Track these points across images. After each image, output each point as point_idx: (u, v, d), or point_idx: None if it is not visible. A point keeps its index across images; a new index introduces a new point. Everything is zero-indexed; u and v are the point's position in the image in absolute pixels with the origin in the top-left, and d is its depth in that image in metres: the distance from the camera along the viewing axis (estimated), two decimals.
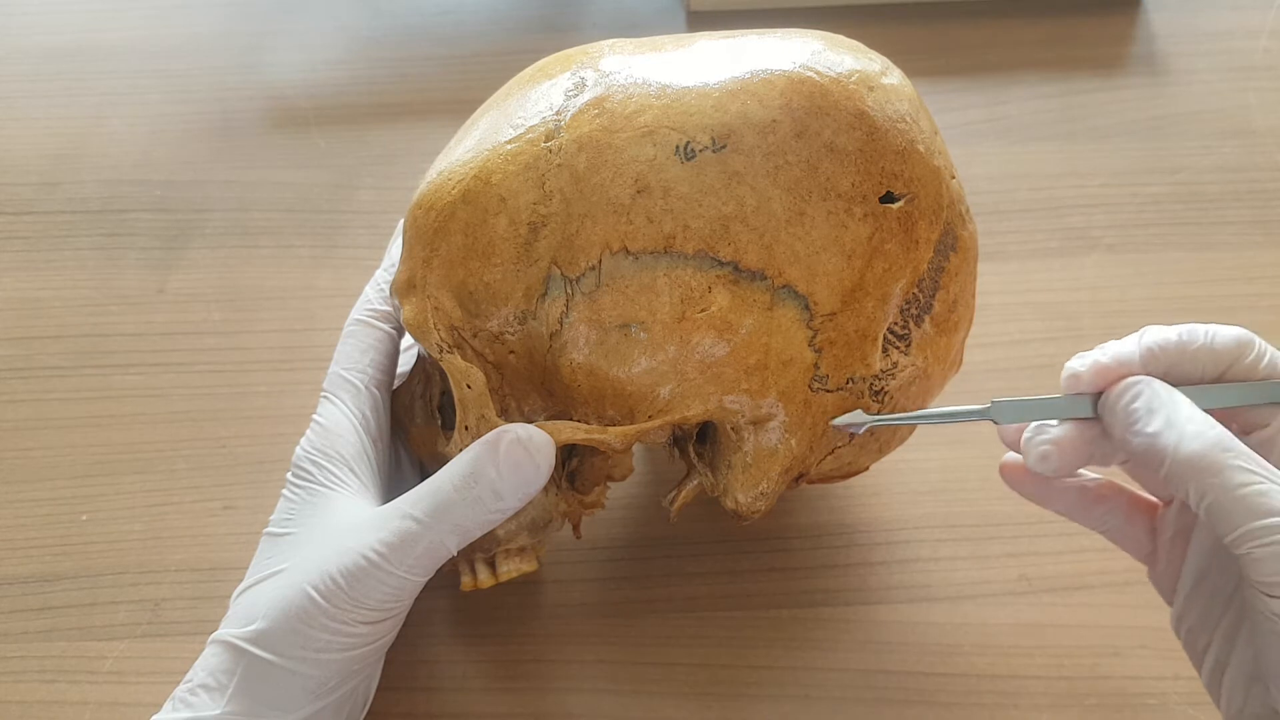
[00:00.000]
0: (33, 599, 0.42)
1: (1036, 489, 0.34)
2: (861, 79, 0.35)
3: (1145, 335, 0.31)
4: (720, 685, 0.40)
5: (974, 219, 0.38)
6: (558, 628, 0.41)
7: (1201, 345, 0.31)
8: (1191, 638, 0.33)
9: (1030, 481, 0.34)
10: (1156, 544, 0.35)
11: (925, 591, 0.42)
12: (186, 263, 0.51)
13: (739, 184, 0.33)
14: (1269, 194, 0.54)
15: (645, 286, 0.33)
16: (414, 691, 0.40)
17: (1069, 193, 0.54)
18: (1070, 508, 0.35)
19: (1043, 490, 0.34)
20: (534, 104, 0.35)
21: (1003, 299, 0.50)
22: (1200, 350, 0.31)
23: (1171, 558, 0.34)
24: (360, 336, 0.38)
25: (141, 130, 0.57)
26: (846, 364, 0.35)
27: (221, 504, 0.44)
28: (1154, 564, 0.35)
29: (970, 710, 0.39)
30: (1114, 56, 0.60)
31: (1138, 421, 0.30)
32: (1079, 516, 0.35)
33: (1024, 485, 0.34)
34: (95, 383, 0.47)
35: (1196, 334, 0.31)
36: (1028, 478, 0.34)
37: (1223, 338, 0.31)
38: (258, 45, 0.61)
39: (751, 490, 0.35)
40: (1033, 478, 0.34)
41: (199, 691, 0.32)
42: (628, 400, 0.34)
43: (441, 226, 0.34)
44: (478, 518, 0.33)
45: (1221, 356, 0.31)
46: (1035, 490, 0.34)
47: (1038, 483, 0.34)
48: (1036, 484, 0.34)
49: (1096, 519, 0.35)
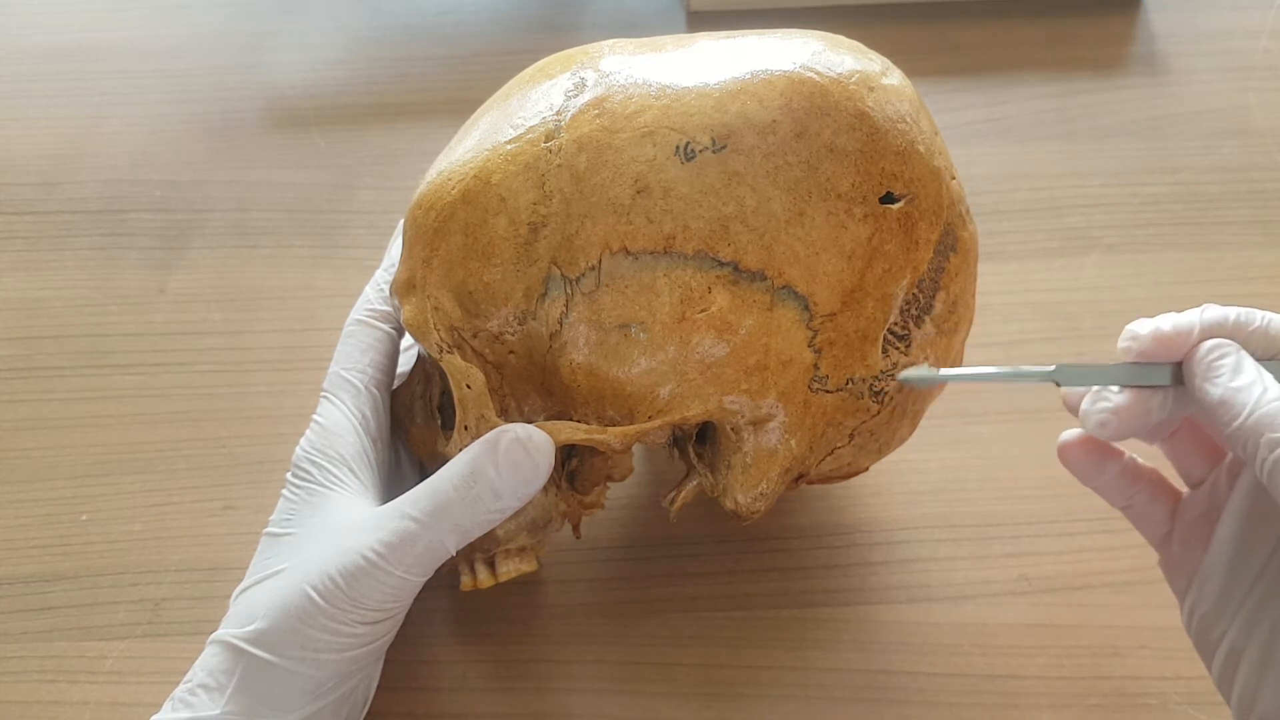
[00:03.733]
0: (33, 599, 0.42)
1: (1088, 467, 0.35)
2: (862, 79, 0.35)
3: (1206, 311, 0.32)
4: (720, 685, 0.40)
5: (974, 219, 0.38)
6: (558, 628, 0.41)
7: (1257, 328, 0.32)
8: (1205, 625, 0.33)
9: (1084, 460, 0.35)
10: (1175, 526, 0.35)
11: (925, 591, 0.42)
12: (186, 263, 0.51)
13: (739, 184, 0.33)
14: (1269, 194, 0.54)
15: (645, 287, 0.33)
16: (414, 691, 0.40)
17: (1069, 193, 0.54)
18: (1109, 484, 0.35)
19: (1095, 467, 0.35)
20: (534, 104, 0.35)
21: (1003, 299, 0.50)
22: (1255, 332, 0.32)
23: (1188, 541, 0.35)
24: (360, 336, 0.38)
25: (141, 130, 0.57)
26: (846, 364, 0.35)
27: (221, 504, 0.44)
28: (1168, 547, 0.36)
29: (970, 710, 0.39)
30: (1114, 56, 0.60)
31: (1221, 375, 0.31)
32: (1112, 493, 0.36)
33: (1078, 463, 0.35)
34: (95, 383, 0.47)
35: (1254, 317, 0.32)
36: (1083, 455, 0.35)
37: (1278, 325, 0.32)
38: (258, 45, 0.61)
39: (751, 491, 0.35)
40: (1088, 457, 0.35)
41: (198, 691, 0.32)
42: (627, 400, 0.34)
43: (441, 226, 0.34)
44: (477, 518, 0.33)
45: (1275, 342, 0.32)
46: (1087, 467, 0.35)
47: (1090, 461, 0.35)
48: (1089, 462, 0.35)
49: (1127, 496, 0.36)
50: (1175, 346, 0.32)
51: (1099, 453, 0.35)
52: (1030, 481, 0.45)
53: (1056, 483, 0.40)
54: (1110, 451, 0.35)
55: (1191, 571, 0.34)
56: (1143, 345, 0.32)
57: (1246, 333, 0.31)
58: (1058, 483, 0.37)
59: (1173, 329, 0.32)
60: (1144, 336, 0.32)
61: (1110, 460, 0.35)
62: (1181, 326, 0.32)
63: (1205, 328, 0.32)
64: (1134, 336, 0.32)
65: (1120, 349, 0.32)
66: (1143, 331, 0.32)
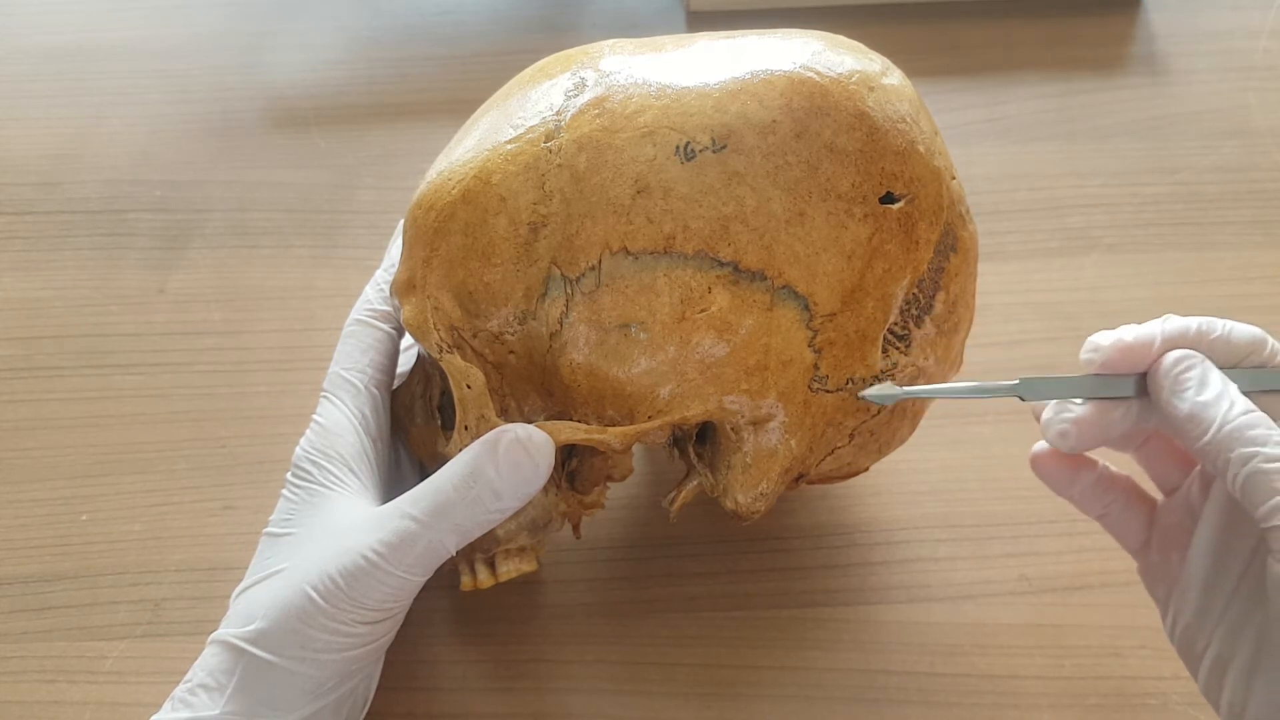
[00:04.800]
0: (33, 599, 0.42)
1: (1060, 477, 0.35)
2: (862, 79, 0.35)
3: (1168, 322, 0.32)
4: (720, 685, 0.40)
5: (974, 219, 0.38)
6: (558, 628, 0.41)
7: (1219, 337, 0.32)
8: (1188, 635, 0.33)
9: (1056, 470, 0.35)
10: (1151, 534, 0.35)
11: (925, 591, 0.42)
12: (186, 263, 0.51)
13: (739, 184, 0.33)
14: (1269, 194, 0.54)
15: (645, 287, 0.33)
16: (414, 691, 0.40)
17: (1069, 193, 0.54)
18: (1083, 494, 0.35)
19: (1066, 477, 0.35)
20: (534, 104, 0.35)
21: (1003, 299, 0.50)
22: (1217, 341, 0.32)
23: (1165, 549, 0.35)
24: (360, 336, 0.38)
25: (141, 130, 0.57)
26: (846, 364, 0.35)
27: (221, 504, 0.44)
28: (1145, 556, 0.36)
29: (970, 710, 0.39)
30: (1114, 56, 0.60)
31: (1188, 389, 0.31)
32: (1087, 503, 0.36)
33: (1050, 473, 0.35)
34: (95, 383, 0.47)
35: (1215, 326, 0.32)
36: (1054, 466, 0.35)
37: (1239, 333, 0.32)
38: (258, 45, 0.61)
39: (751, 491, 0.35)
40: (1059, 467, 0.35)
41: (198, 691, 0.32)
42: (627, 400, 0.34)
43: (441, 226, 0.34)
44: (477, 518, 0.33)
45: (1236, 350, 0.32)
46: (1059, 477, 0.35)
47: (1062, 471, 0.35)
48: (1061, 472, 0.35)
49: (1102, 505, 0.36)
50: (1138, 357, 0.32)
51: (1071, 463, 0.35)
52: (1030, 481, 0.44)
53: None
54: (1083, 461, 0.35)
55: (1171, 580, 0.34)
56: (1105, 356, 0.32)
57: (1209, 341, 0.32)
58: None
59: (1135, 340, 0.32)
60: (1106, 348, 0.32)
61: (1083, 470, 0.35)
62: (1143, 337, 0.32)
63: (1167, 338, 0.32)
64: (1096, 348, 0.32)
65: (1083, 360, 0.32)
66: (1104, 343, 0.32)
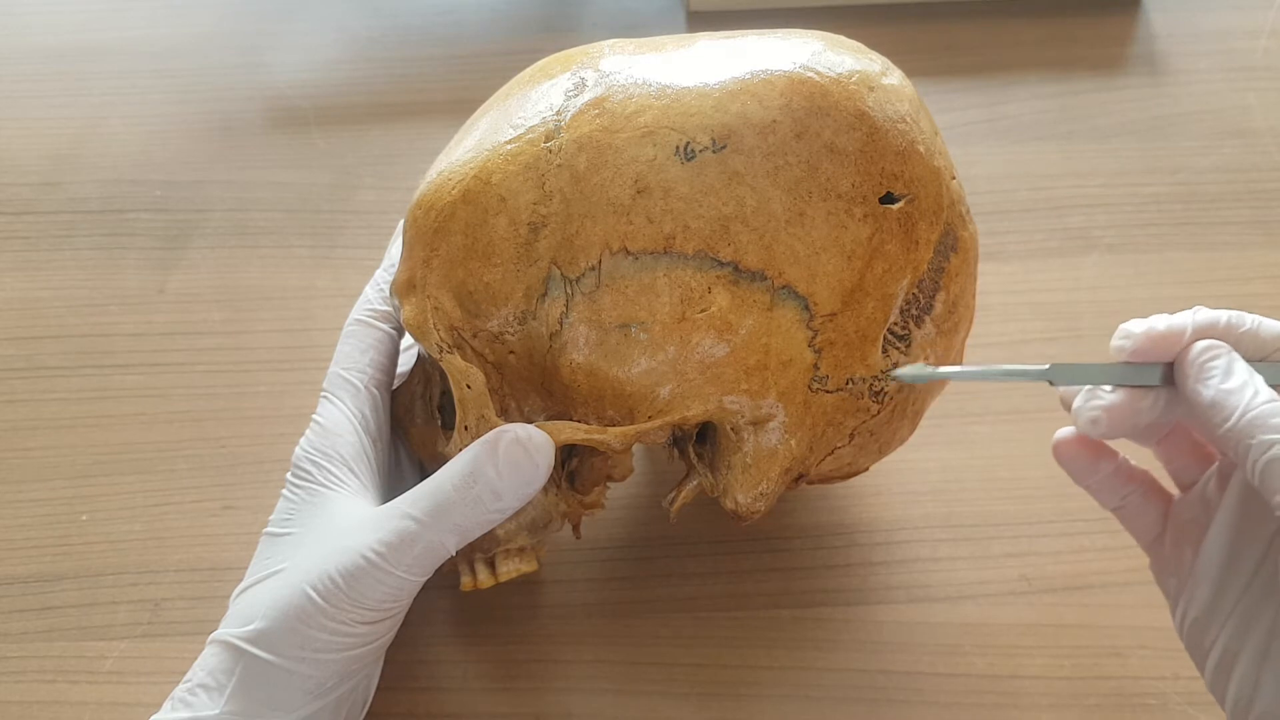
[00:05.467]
0: (33, 599, 0.42)
1: (1082, 464, 0.35)
2: (861, 79, 0.35)
3: (1198, 313, 0.33)
4: (720, 685, 0.40)
5: (974, 219, 0.38)
6: (558, 628, 0.41)
7: (1247, 330, 0.32)
8: (1198, 628, 0.33)
9: (1079, 457, 0.35)
10: (1166, 528, 0.36)
11: (925, 591, 0.42)
12: (186, 263, 0.51)
13: (739, 184, 0.33)
14: (1269, 194, 0.54)
15: (645, 287, 0.33)
16: (414, 691, 0.40)
17: (1069, 193, 0.54)
18: (1102, 483, 0.36)
19: (1088, 465, 0.35)
20: (534, 104, 0.35)
21: (1003, 299, 0.50)
22: (1245, 334, 0.32)
23: (1179, 544, 0.35)
24: (360, 336, 0.38)
25: (141, 130, 0.57)
26: (846, 364, 0.35)
27: (221, 504, 0.44)
28: (1159, 550, 0.36)
29: (970, 710, 0.39)
30: (1114, 56, 0.60)
31: (1214, 376, 0.31)
32: (1105, 493, 0.36)
33: (1072, 460, 0.35)
34: (95, 383, 0.47)
35: (1244, 320, 0.32)
36: (1078, 452, 0.35)
37: (1268, 328, 0.32)
38: (258, 45, 0.61)
39: (751, 491, 0.35)
40: (1081, 455, 0.35)
41: (198, 691, 0.32)
42: (627, 400, 0.34)
43: (441, 226, 0.34)
44: (477, 518, 0.33)
45: (1264, 344, 0.32)
46: (1081, 465, 0.36)
47: (1085, 458, 0.35)
48: (1084, 459, 0.35)
49: (1119, 496, 0.36)
50: (1168, 346, 0.32)
51: (1093, 451, 0.35)
52: (1030, 481, 0.45)
53: (1056, 483, 0.39)
54: (1104, 451, 0.35)
55: (1182, 574, 0.34)
56: (1136, 344, 0.32)
57: (1237, 334, 0.32)
58: (1057, 483, 0.37)
59: (1166, 329, 0.32)
60: (1138, 335, 0.32)
61: (1104, 460, 0.35)
62: (1175, 327, 0.32)
63: (1197, 329, 0.32)
64: (1128, 335, 0.32)
65: (1114, 348, 0.33)
66: (1137, 330, 0.32)
